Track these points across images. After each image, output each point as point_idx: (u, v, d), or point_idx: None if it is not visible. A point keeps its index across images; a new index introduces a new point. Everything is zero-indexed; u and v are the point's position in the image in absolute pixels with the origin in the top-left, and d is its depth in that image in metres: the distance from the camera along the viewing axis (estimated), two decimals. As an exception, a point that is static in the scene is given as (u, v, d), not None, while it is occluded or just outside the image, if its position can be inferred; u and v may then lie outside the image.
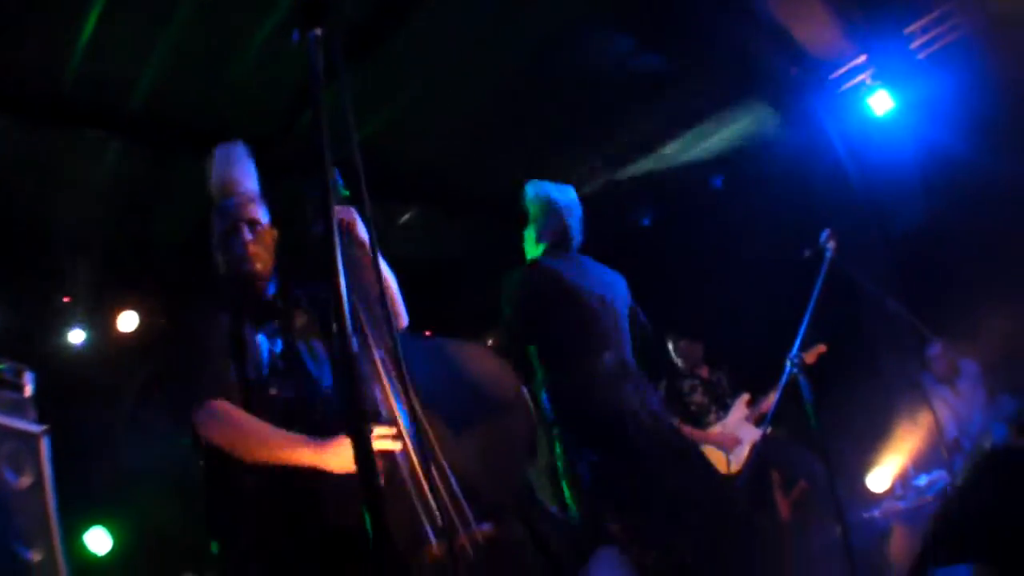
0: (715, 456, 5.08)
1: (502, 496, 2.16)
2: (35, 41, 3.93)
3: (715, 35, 4.59)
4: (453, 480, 1.92)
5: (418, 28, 4.26)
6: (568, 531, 3.04)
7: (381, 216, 6.05)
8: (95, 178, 5.06)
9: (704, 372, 5.53)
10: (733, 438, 5.09)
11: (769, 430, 4.31)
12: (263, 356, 2.30)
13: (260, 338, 2.32)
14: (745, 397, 5.24)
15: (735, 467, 5.05)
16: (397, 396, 2.00)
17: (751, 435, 5.04)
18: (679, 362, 5.55)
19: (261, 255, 2.38)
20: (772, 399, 4.36)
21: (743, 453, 5.04)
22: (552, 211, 3.44)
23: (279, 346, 2.36)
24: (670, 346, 5.58)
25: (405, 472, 1.98)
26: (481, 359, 2.39)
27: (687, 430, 5.12)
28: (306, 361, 2.38)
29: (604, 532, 2.90)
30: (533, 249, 3.51)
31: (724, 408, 5.29)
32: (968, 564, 1.51)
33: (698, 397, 5.40)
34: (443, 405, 2.05)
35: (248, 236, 2.36)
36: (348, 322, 1.24)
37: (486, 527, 1.98)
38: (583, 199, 3.62)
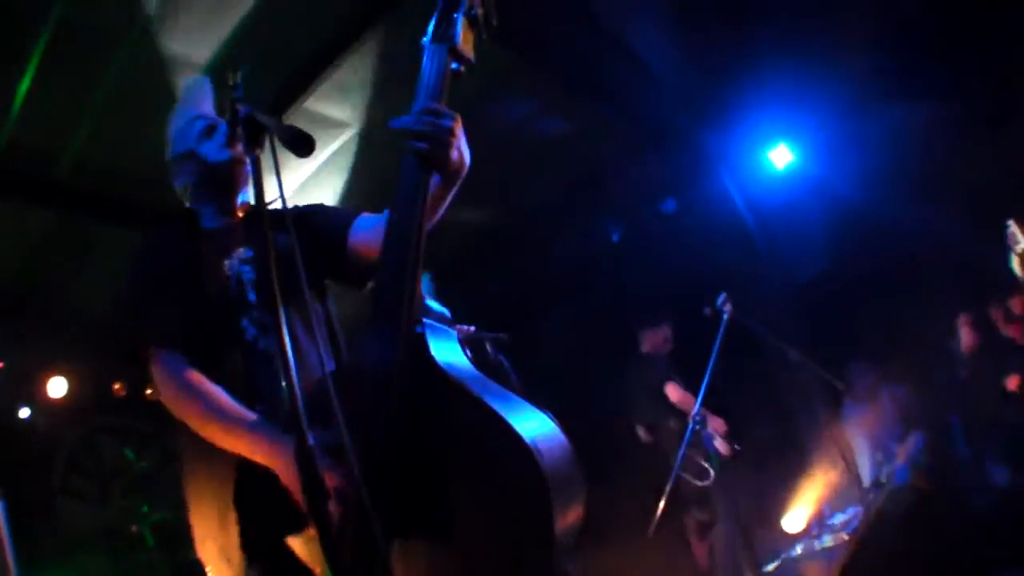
0: None
1: None
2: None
3: (617, 94, 4.76)
4: None
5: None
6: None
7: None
8: (23, 245, 5.09)
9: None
10: None
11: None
12: (231, 286, 1.89)
13: (229, 263, 1.92)
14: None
15: None
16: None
17: None
18: (644, 347, 5.04)
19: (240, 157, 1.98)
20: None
21: None
22: None
23: (250, 275, 1.91)
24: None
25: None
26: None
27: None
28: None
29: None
30: None
31: None
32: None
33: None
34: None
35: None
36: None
37: None
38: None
